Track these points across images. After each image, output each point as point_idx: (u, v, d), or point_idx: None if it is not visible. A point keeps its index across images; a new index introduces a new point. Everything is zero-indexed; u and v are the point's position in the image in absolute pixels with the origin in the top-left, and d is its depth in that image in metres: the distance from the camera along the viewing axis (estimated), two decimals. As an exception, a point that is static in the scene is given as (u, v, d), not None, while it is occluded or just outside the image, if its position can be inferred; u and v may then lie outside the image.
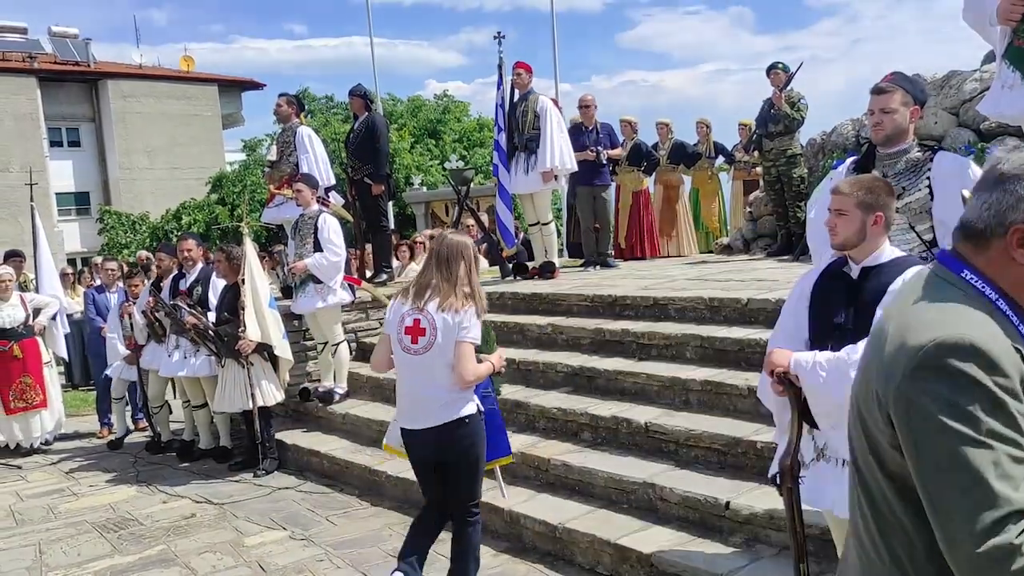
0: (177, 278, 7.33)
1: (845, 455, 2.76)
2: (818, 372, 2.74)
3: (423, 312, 3.76)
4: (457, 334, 3.71)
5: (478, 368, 3.80)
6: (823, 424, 2.79)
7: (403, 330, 3.80)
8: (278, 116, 8.38)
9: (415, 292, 3.85)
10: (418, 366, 3.77)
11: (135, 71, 31.54)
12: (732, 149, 11.29)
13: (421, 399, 3.82)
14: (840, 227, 2.87)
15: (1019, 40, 3.56)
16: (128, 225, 26.87)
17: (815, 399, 2.77)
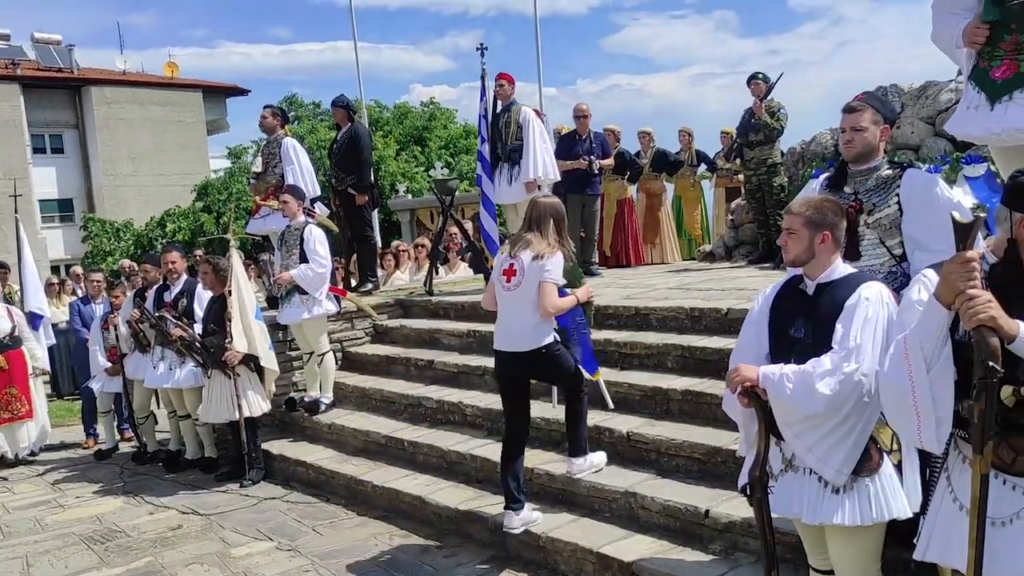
0: (161, 289, 7.36)
1: (807, 463, 2.87)
2: (785, 384, 2.83)
3: (516, 259, 4.62)
4: (541, 276, 4.52)
5: (558, 302, 4.59)
6: (787, 435, 2.87)
7: (502, 272, 4.68)
8: (263, 127, 8.43)
9: (512, 244, 4.74)
10: (511, 301, 4.63)
11: (119, 77, 31.42)
12: (714, 157, 11.41)
13: (511, 328, 4.65)
14: (790, 245, 3.01)
15: (984, 62, 3.67)
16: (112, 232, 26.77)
17: (782, 411, 2.86)
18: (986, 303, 2.17)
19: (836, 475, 2.80)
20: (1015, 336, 2.19)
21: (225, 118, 35.17)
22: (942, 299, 2.25)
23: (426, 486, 5.49)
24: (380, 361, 7.50)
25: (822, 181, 3.69)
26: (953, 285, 2.22)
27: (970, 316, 2.17)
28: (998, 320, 2.16)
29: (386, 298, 8.45)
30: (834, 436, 2.80)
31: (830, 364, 2.78)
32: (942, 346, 2.28)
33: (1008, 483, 2.32)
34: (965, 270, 2.20)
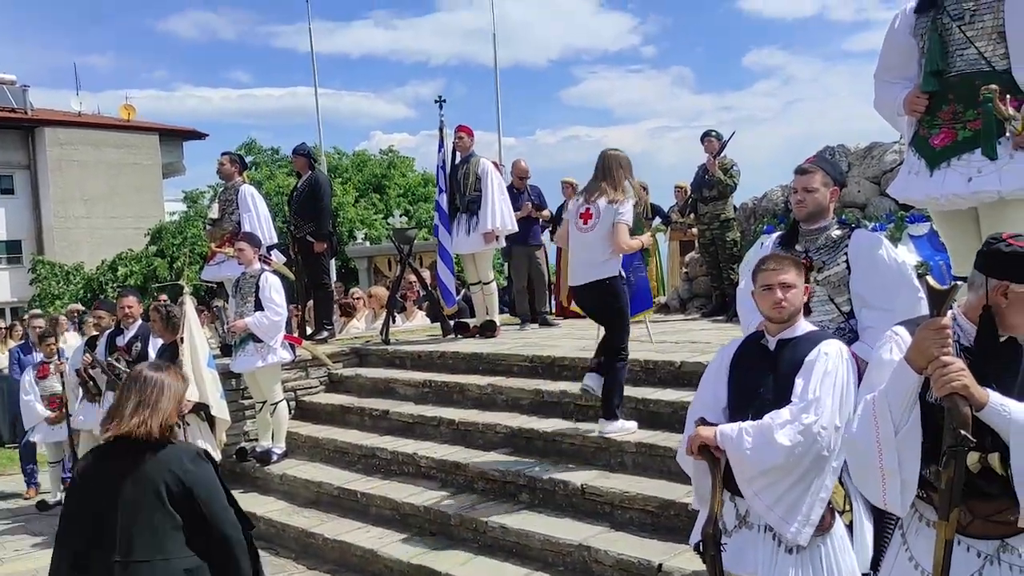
0: (113, 334, 7.23)
1: (767, 521, 2.89)
2: (744, 439, 2.83)
3: (592, 204, 5.35)
4: (615, 218, 5.25)
5: (630, 241, 5.35)
6: (747, 493, 2.88)
7: (578, 215, 5.40)
8: (221, 174, 8.42)
9: (587, 192, 5.48)
10: (586, 240, 5.36)
11: (73, 119, 31.09)
12: (669, 211, 11.61)
13: (585, 262, 5.39)
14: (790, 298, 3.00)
15: (924, 130, 3.83)
16: (61, 276, 26.21)
17: (741, 466, 2.86)
18: (959, 371, 2.18)
19: (797, 534, 2.79)
20: (985, 404, 2.20)
21: (182, 161, 34.92)
22: (914, 364, 2.26)
23: (378, 539, 5.41)
24: (334, 411, 7.43)
25: (775, 239, 3.80)
26: (926, 351, 2.23)
27: (943, 383, 2.18)
28: (970, 388, 2.18)
29: (342, 346, 8.39)
30: (794, 493, 2.81)
31: (789, 415, 2.81)
32: (911, 409, 2.28)
33: (963, 544, 2.34)
34: (939, 336, 2.21)
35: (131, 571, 2.81)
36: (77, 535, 2.92)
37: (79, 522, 2.92)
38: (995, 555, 2.32)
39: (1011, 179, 3.60)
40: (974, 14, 3.72)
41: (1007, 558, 2.30)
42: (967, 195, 3.69)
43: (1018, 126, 3.58)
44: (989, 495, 2.28)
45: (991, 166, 3.63)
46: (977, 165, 3.65)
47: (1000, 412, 2.19)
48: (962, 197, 3.70)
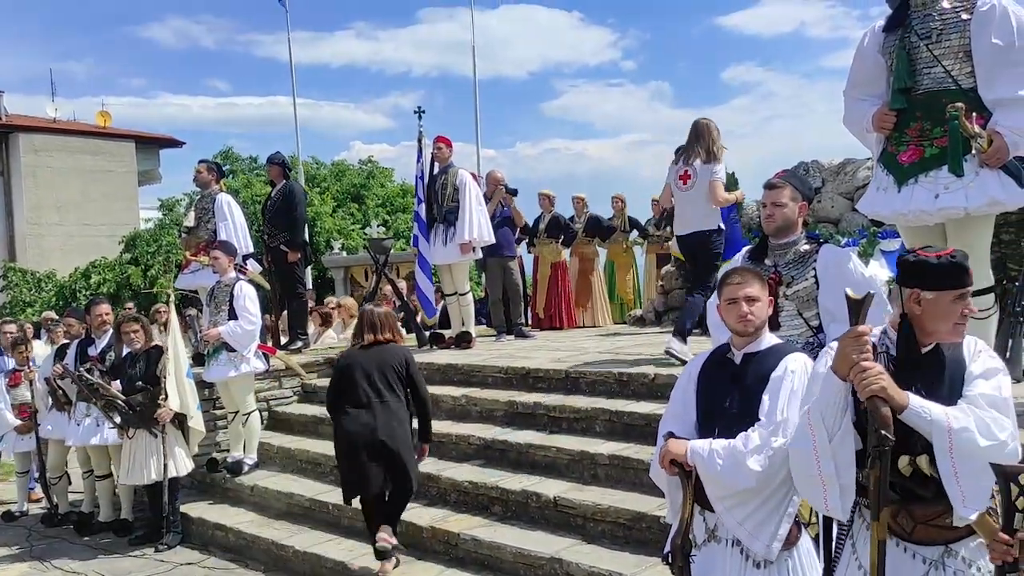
0: (85, 343, 7.14)
1: (736, 535, 2.91)
2: (715, 460, 2.83)
3: (690, 166, 6.28)
4: (711, 177, 6.20)
5: (726, 195, 6.38)
6: (719, 509, 2.88)
7: (678, 177, 6.34)
8: (197, 182, 8.37)
9: (684, 155, 6.35)
10: (687, 198, 6.31)
11: (48, 125, 30.72)
12: (646, 224, 11.68)
13: (688, 217, 6.37)
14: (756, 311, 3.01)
15: (892, 147, 3.89)
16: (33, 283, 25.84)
17: (712, 486, 2.86)
18: (877, 375, 2.32)
19: (766, 550, 2.81)
20: (905, 406, 2.32)
21: (158, 169, 34.56)
22: (838, 371, 2.41)
23: (349, 551, 5.37)
24: (307, 421, 7.37)
25: (744, 253, 3.84)
26: (847, 358, 2.38)
27: (863, 387, 2.33)
28: (888, 391, 2.31)
29: (316, 356, 8.34)
30: (764, 510, 2.82)
31: (759, 440, 2.80)
32: (842, 416, 2.40)
33: (908, 551, 2.42)
34: (857, 344, 2.37)
35: (384, 404, 4.97)
36: (349, 390, 4.99)
37: (351, 382, 5.00)
38: (940, 560, 2.40)
39: (977, 196, 3.67)
40: (941, 33, 3.79)
41: (951, 563, 2.39)
42: (934, 211, 3.75)
43: (983, 143, 3.64)
44: (925, 499, 2.37)
45: (958, 183, 3.69)
46: (944, 182, 3.71)
47: (921, 414, 2.32)
48: (929, 213, 3.76)
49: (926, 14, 3.82)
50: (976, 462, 2.28)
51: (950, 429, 2.29)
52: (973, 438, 2.28)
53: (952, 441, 2.29)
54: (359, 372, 5.00)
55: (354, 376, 4.99)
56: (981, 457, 2.27)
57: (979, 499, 2.30)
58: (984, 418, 2.31)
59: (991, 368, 2.41)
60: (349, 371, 5.05)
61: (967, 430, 2.28)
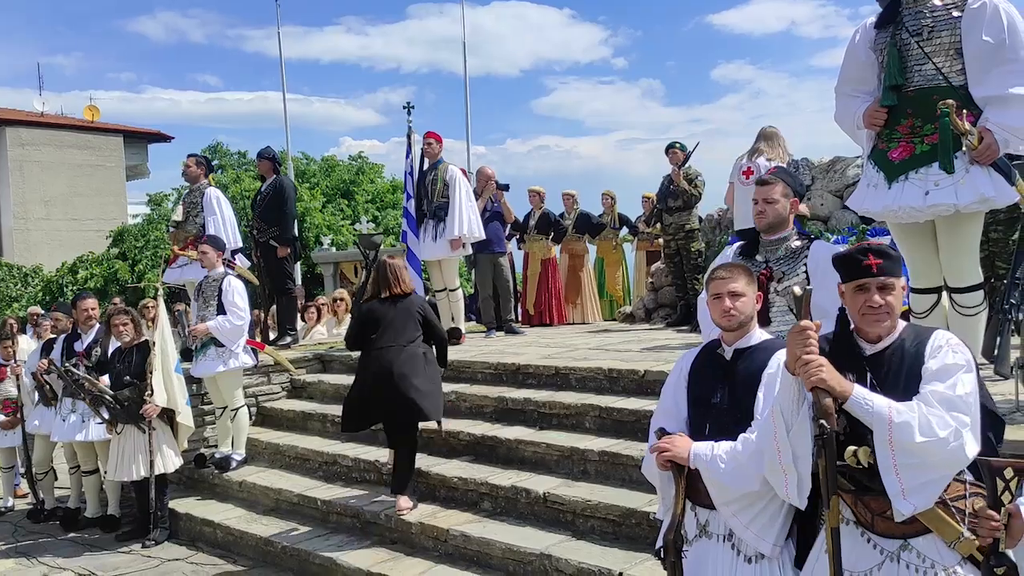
0: (71, 338, 7.09)
1: (744, 538, 2.90)
2: (718, 464, 2.82)
3: (753, 163, 6.90)
4: None
5: None
6: (725, 513, 2.86)
7: (740, 172, 7.02)
8: (186, 176, 8.33)
9: (749, 152, 7.09)
10: (748, 192, 5.90)
11: (35, 119, 30.50)
12: (635, 221, 11.69)
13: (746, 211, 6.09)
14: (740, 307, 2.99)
15: (882, 143, 3.89)
16: (19, 278, 25.66)
17: (717, 491, 2.85)
18: (818, 366, 2.40)
19: (772, 549, 2.81)
20: (847, 397, 2.40)
21: (146, 164, 34.37)
22: (789, 367, 2.49)
23: (338, 547, 5.35)
24: (296, 417, 7.35)
25: (736, 249, 3.83)
26: (791, 352, 2.47)
27: (805, 379, 2.42)
28: (828, 382, 2.39)
29: (304, 352, 8.31)
30: (769, 511, 2.81)
31: (758, 442, 2.79)
32: (798, 409, 2.48)
33: (871, 541, 2.50)
34: (800, 337, 2.45)
35: (404, 347, 5.40)
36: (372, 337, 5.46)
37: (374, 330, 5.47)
38: (896, 553, 2.46)
39: (967, 193, 3.67)
40: (932, 30, 3.79)
41: (906, 556, 2.44)
42: (924, 208, 3.75)
43: (974, 141, 3.65)
44: (875, 491, 2.41)
45: (948, 180, 3.69)
46: (934, 179, 3.72)
47: (862, 405, 2.39)
48: (919, 210, 3.77)
49: (917, 11, 3.83)
50: (916, 457, 2.32)
51: (890, 421, 2.34)
52: (911, 432, 2.31)
53: (892, 433, 2.33)
54: (382, 321, 5.47)
55: (377, 325, 5.47)
56: (919, 453, 2.31)
57: (921, 495, 2.34)
58: (928, 415, 2.33)
59: (949, 365, 2.43)
60: (372, 320, 5.52)
61: (908, 424, 2.32)
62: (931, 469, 2.32)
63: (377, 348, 5.43)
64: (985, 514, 2.27)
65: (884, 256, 2.55)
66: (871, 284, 2.52)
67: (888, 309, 2.53)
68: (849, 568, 2.43)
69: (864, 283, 2.52)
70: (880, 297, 2.52)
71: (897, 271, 2.56)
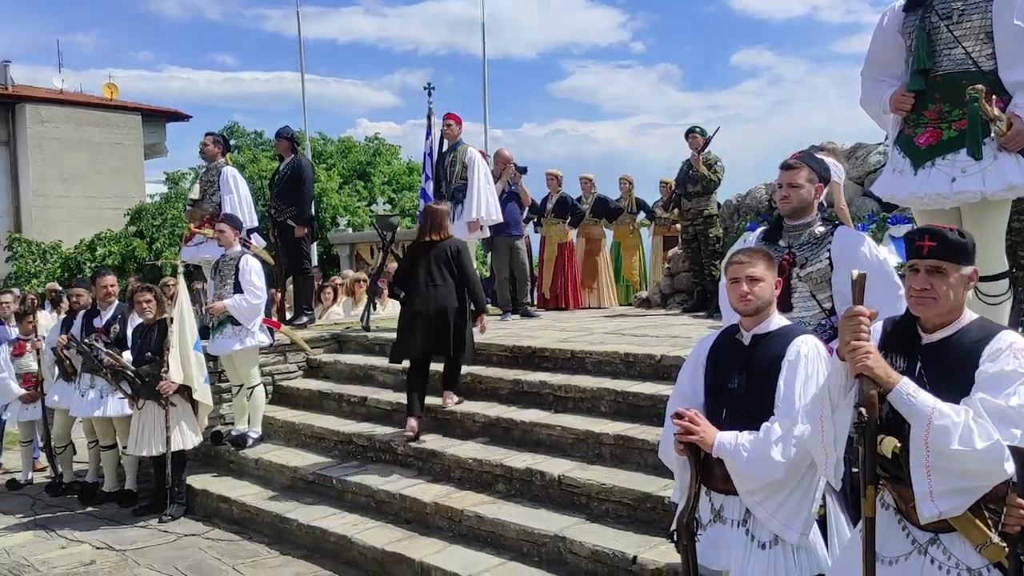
0: (90, 314, 7.13)
1: (741, 516, 2.89)
2: (741, 454, 2.80)
3: None
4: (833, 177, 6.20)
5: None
6: (750, 502, 2.85)
7: None
8: (203, 155, 8.33)
9: None
10: None
11: (55, 96, 30.62)
12: (653, 206, 11.63)
13: None
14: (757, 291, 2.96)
15: (909, 129, 3.84)
16: (38, 254, 25.86)
17: (741, 480, 2.84)
18: (864, 354, 2.35)
19: (800, 538, 2.80)
20: (891, 388, 2.33)
21: (164, 142, 34.46)
22: (839, 352, 2.44)
23: (353, 526, 5.39)
24: (312, 396, 7.38)
25: (758, 234, 3.80)
26: (841, 337, 2.41)
27: (852, 365, 2.37)
28: (874, 370, 2.33)
29: (321, 332, 8.34)
30: (793, 499, 2.80)
31: (780, 430, 2.77)
32: (844, 394, 2.43)
33: (906, 529, 2.46)
34: (850, 323, 2.40)
35: (438, 287, 6.03)
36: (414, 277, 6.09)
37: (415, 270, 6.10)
38: (925, 546, 2.41)
39: (994, 180, 3.62)
40: (962, 14, 3.72)
41: (933, 551, 2.39)
42: (950, 195, 3.70)
43: (1003, 127, 3.59)
44: (906, 482, 2.35)
45: (975, 166, 3.64)
46: (961, 165, 3.66)
47: (905, 399, 2.32)
48: (945, 197, 3.71)
49: (948, -6, 3.76)
50: (950, 463, 2.23)
51: (930, 422, 2.25)
52: (949, 438, 2.21)
53: (929, 434, 2.24)
54: (421, 263, 6.12)
55: (417, 266, 6.12)
56: (954, 459, 2.22)
57: (950, 500, 2.25)
58: (971, 423, 2.22)
59: (1008, 372, 2.29)
60: (414, 262, 6.19)
61: (947, 429, 2.22)
62: (965, 478, 2.23)
63: (417, 288, 6.05)
64: (1015, 502, 2.21)
65: (940, 239, 2.44)
66: (920, 266, 2.44)
67: (935, 295, 2.42)
68: (880, 552, 2.40)
69: (914, 264, 2.45)
70: (927, 280, 2.43)
71: (957, 257, 2.43)
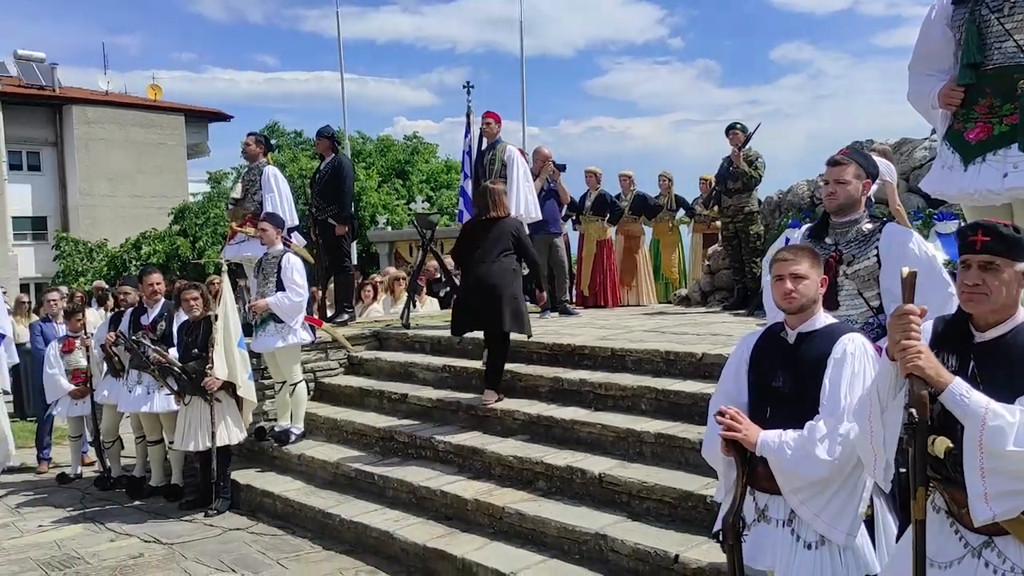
0: (138, 312, 7.28)
1: (787, 516, 2.86)
2: (785, 452, 2.78)
3: None
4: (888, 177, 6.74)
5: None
6: (794, 502, 2.83)
7: None
8: (246, 154, 8.44)
9: None
10: None
11: (100, 97, 31.29)
12: (693, 203, 11.55)
13: None
14: (802, 289, 2.94)
15: (959, 124, 3.76)
16: (85, 252, 26.45)
17: (785, 479, 2.82)
18: (915, 354, 2.28)
19: (846, 538, 2.77)
20: (943, 388, 2.27)
21: (206, 142, 35.09)
22: (889, 351, 2.38)
23: (395, 521, 5.43)
24: (353, 393, 7.45)
25: (804, 231, 3.75)
26: (891, 336, 2.35)
27: (902, 365, 2.31)
28: (925, 370, 2.27)
29: (361, 329, 8.41)
30: (839, 499, 2.78)
31: (826, 428, 2.75)
32: (894, 394, 2.38)
33: (958, 533, 2.38)
34: (900, 322, 2.33)
35: (496, 262, 6.10)
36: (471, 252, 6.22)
37: (473, 246, 6.23)
38: (978, 549, 2.34)
39: (1047, 175, 3.54)
40: (1014, 6, 3.64)
41: (987, 554, 2.32)
42: (1001, 191, 3.63)
43: (1056, 121, 3.51)
44: (958, 483, 2.29)
45: (1027, 162, 3.56)
46: (1013, 160, 3.58)
47: (958, 400, 2.25)
48: (996, 193, 3.64)
49: (998, -14, 3.68)
50: (1006, 464, 2.17)
51: (984, 423, 2.19)
52: (1004, 439, 2.16)
53: (983, 436, 2.19)
54: (480, 240, 6.22)
55: (477, 243, 6.23)
56: (1007, 460, 2.17)
57: (1005, 502, 2.20)
58: None
59: None
60: (472, 238, 6.33)
61: (1001, 430, 2.17)
62: (1021, 479, 2.17)
63: (475, 263, 6.18)
64: None
65: (993, 234, 2.37)
66: (971, 261, 2.38)
67: (987, 290, 2.35)
68: (932, 557, 2.35)
69: (966, 259, 2.39)
70: (979, 276, 2.36)
71: (1010, 253, 2.36)
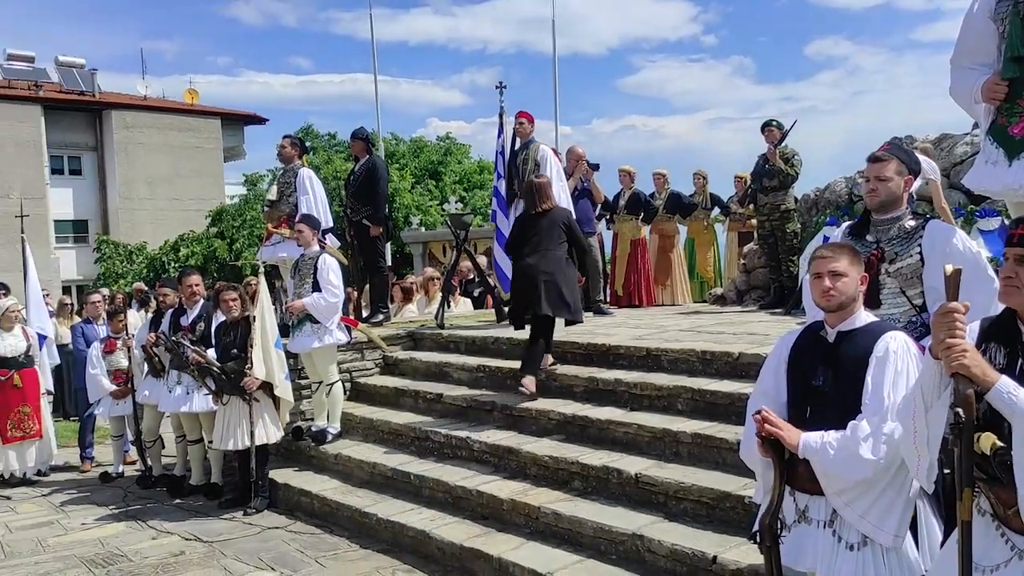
0: (177, 313, 7.39)
1: (828, 517, 2.83)
2: (828, 452, 2.75)
3: None
4: None
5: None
6: (838, 503, 2.80)
7: None
8: (281, 157, 8.53)
9: None
10: None
11: (139, 102, 31.80)
12: (728, 201, 11.45)
13: None
14: (840, 287, 2.91)
15: (1002, 119, 3.68)
16: (125, 255, 26.90)
17: (828, 481, 2.79)
18: (960, 352, 2.24)
19: (894, 540, 2.73)
20: (989, 387, 2.23)
21: (242, 145, 35.51)
22: (933, 350, 2.33)
23: (431, 521, 5.45)
24: (389, 393, 7.49)
25: (845, 228, 3.70)
26: (935, 335, 2.30)
27: (947, 363, 2.27)
28: (971, 368, 2.23)
29: (397, 330, 8.46)
30: (885, 499, 2.74)
31: (869, 428, 2.71)
32: (939, 393, 2.33)
33: (1004, 535, 2.34)
34: (944, 320, 2.29)
35: (548, 252, 6.31)
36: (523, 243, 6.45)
37: (525, 237, 6.46)
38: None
39: (1094, 170, 3.46)
40: (1059, -2, 3.56)
41: None
42: (1047, 186, 3.55)
43: (1104, 115, 3.43)
44: (1004, 483, 2.25)
45: (1073, 157, 3.48)
46: (1059, 156, 3.50)
47: (1004, 397, 2.21)
48: (1042, 189, 3.56)
49: (1043, -23, 3.60)
50: None
51: None
52: None
53: None
54: (530, 230, 6.45)
55: (529, 235, 6.44)
56: None
57: None
58: None
59: None
60: (524, 230, 6.54)
61: None
62: None
63: (526, 255, 6.38)
64: None
65: None
66: (1009, 254, 2.35)
67: (1018, 283, 2.32)
68: (977, 561, 2.30)
69: (1005, 252, 2.36)
70: (1012, 268, 2.33)
71: None
